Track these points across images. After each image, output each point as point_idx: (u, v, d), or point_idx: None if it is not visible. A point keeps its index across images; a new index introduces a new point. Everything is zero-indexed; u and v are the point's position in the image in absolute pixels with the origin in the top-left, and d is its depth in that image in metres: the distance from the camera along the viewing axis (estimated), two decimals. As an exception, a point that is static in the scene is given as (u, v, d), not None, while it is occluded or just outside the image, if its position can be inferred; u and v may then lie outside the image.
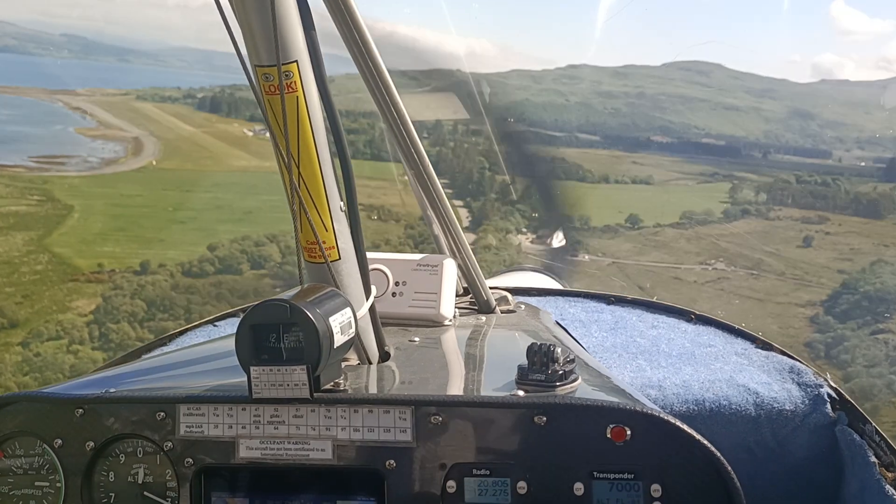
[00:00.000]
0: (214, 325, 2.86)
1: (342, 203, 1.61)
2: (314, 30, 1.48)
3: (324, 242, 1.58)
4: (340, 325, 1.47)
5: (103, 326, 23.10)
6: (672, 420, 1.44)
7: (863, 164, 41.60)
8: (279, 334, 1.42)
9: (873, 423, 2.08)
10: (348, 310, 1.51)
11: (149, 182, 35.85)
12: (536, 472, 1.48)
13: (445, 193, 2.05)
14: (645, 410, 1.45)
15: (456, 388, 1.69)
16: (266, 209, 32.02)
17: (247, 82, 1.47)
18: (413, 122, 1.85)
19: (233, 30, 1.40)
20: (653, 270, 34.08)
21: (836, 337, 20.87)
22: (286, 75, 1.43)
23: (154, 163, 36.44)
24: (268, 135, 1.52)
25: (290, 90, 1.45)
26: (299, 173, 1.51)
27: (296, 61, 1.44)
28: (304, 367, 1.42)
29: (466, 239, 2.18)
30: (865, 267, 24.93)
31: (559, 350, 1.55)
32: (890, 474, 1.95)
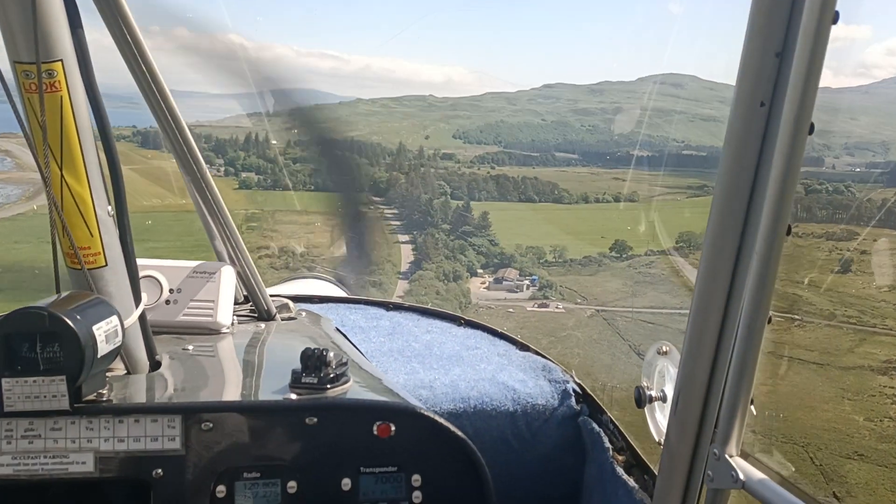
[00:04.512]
0: None
1: (110, 208, 1.52)
2: (82, 29, 1.39)
3: (89, 248, 1.49)
4: (106, 333, 1.39)
5: None
6: (430, 415, 1.54)
7: (858, 169, 38.20)
8: (35, 344, 1.33)
9: (609, 414, 2.27)
10: (115, 318, 1.43)
11: (9, 233, 28.43)
12: (306, 471, 1.51)
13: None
14: (407, 407, 1.54)
15: (228, 394, 1.66)
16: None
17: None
18: (190, 127, 1.77)
19: None
20: (652, 321, 26.72)
21: None
22: (49, 74, 1.34)
23: (35, 208, 28.95)
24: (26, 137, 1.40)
25: (54, 90, 1.35)
26: (62, 176, 1.41)
27: (60, 60, 1.35)
28: (63, 377, 1.34)
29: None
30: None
31: (332, 354, 1.58)
32: (621, 457, 2.11)
